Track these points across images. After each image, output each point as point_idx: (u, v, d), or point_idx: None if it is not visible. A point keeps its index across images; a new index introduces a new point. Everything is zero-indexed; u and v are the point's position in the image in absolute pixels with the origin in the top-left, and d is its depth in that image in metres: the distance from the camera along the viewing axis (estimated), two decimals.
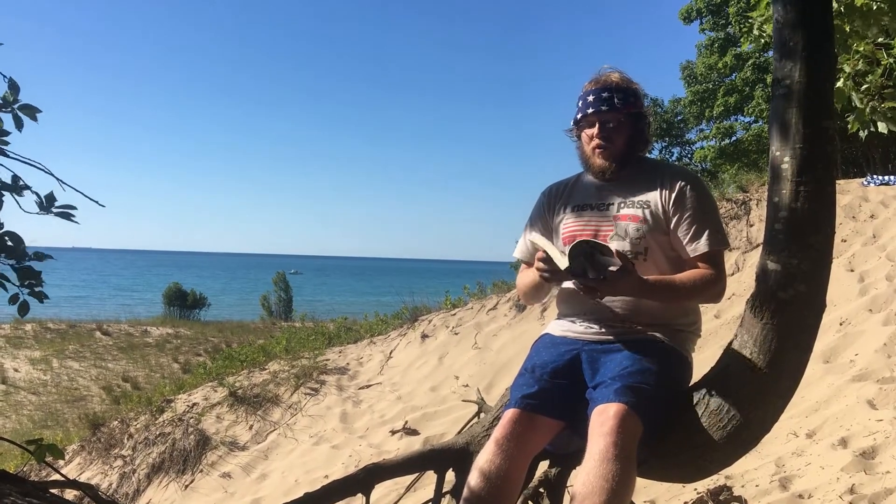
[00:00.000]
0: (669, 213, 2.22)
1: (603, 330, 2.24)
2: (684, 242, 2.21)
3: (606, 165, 2.30)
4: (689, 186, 2.24)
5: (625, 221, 2.25)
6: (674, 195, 2.23)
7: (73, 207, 2.12)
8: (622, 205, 2.29)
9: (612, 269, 2.04)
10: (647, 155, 2.46)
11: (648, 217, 2.23)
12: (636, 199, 2.27)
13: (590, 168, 2.37)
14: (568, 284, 2.34)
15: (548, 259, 2.12)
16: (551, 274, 2.14)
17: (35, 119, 2.13)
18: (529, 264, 2.44)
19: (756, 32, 3.49)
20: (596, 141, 2.30)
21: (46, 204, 2.10)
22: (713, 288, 2.18)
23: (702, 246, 2.18)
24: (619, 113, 2.29)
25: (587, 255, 2.05)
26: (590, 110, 2.30)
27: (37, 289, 2.23)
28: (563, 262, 2.06)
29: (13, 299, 2.23)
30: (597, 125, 2.30)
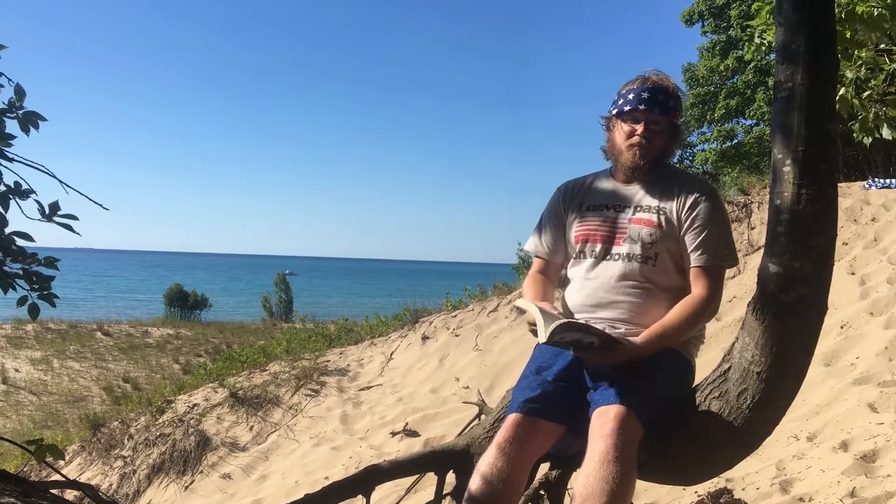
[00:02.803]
0: (682, 221, 2.22)
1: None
2: (689, 250, 2.20)
3: (639, 164, 2.27)
4: (704, 198, 2.23)
5: (639, 225, 2.24)
6: (688, 205, 2.22)
7: (75, 218, 2.11)
8: (638, 209, 2.28)
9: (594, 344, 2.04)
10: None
11: (663, 223, 2.23)
12: (653, 204, 2.27)
13: (617, 161, 2.34)
14: (574, 283, 2.35)
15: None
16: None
17: (37, 127, 2.13)
18: (540, 257, 2.46)
19: (757, 41, 3.48)
20: (637, 138, 2.27)
21: (49, 212, 2.09)
22: (705, 312, 2.18)
23: (703, 258, 2.18)
24: (667, 118, 2.28)
25: (581, 330, 2.03)
26: (641, 106, 2.25)
27: (46, 292, 2.22)
28: (542, 335, 2.02)
29: (22, 301, 2.21)
30: (643, 123, 2.27)
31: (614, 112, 2.34)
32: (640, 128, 2.27)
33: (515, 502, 2.07)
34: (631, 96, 2.29)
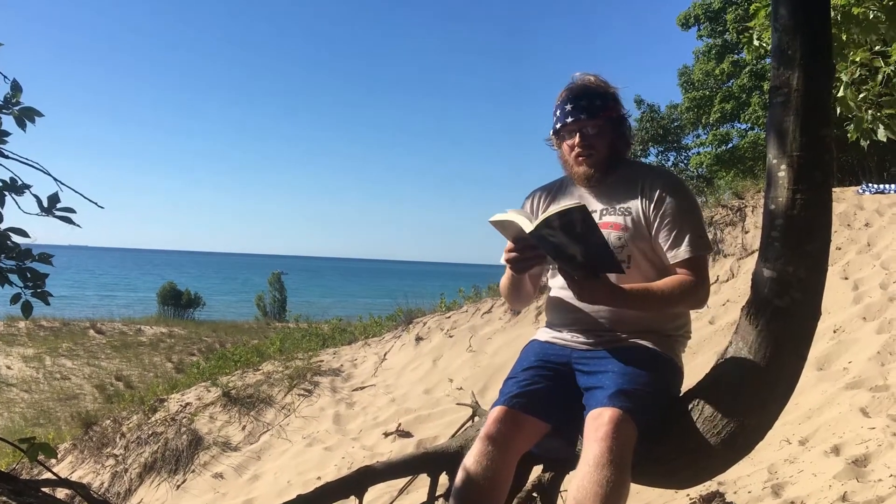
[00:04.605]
0: (650, 219, 2.20)
1: (591, 340, 2.23)
2: (665, 248, 2.18)
3: (590, 172, 2.26)
4: (668, 191, 2.21)
5: (607, 230, 2.20)
6: (654, 201, 2.20)
7: (73, 211, 2.10)
8: (605, 212, 2.26)
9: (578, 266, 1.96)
10: (637, 159, 2.42)
11: (630, 224, 2.21)
12: (618, 206, 2.25)
13: (573, 176, 2.33)
14: (556, 291, 2.33)
15: (518, 240, 2.03)
16: (517, 259, 2.07)
17: (34, 122, 2.12)
18: None
19: (756, 43, 3.49)
20: (577, 150, 2.26)
21: (48, 206, 2.08)
22: (694, 295, 2.16)
23: (682, 252, 2.16)
24: (599, 119, 2.24)
25: (574, 235, 1.90)
26: (569, 119, 2.24)
27: (40, 289, 2.20)
28: (527, 226, 1.94)
29: (15, 299, 2.19)
30: (577, 134, 2.25)
31: (552, 133, 2.34)
32: (575, 140, 2.26)
33: (501, 497, 2.06)
34: (558, 112, 2.29)
